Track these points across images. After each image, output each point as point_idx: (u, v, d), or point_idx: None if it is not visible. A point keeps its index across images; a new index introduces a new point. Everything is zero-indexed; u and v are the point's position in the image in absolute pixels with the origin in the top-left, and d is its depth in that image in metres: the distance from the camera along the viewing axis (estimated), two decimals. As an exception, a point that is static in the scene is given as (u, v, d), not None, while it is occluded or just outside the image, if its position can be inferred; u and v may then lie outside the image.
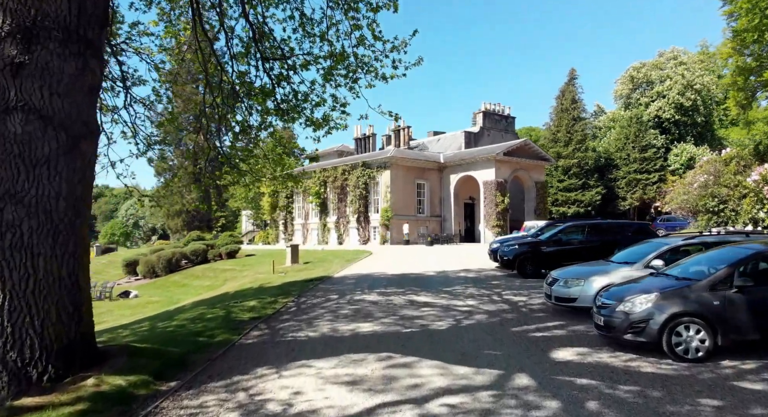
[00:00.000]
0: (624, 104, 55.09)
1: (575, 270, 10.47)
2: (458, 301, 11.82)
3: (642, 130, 48.56)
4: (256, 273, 22.49)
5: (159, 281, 29.32)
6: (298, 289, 14.60)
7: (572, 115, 48.74)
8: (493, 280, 15.43)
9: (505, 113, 48.13)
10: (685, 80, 51.15)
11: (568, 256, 15.56)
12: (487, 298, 12.08)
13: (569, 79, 52.69)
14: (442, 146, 47.26)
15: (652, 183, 47.32)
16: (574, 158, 46.94)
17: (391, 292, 13.48)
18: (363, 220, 39.84)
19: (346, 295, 13.16)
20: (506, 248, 16.41)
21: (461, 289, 13.65)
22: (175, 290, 25.68)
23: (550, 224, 19.79)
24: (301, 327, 9.48)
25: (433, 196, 40.90)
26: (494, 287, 13.93)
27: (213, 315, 11.17)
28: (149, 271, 30.59)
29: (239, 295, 15.09)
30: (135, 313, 18.94)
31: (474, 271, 18.08)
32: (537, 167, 41.15)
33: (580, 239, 15.64)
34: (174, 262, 30.84)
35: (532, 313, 10.25)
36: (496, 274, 17.06)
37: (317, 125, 12.31)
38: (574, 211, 45.68)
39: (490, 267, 19.27)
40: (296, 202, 47.38)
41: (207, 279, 26.23)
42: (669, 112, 51.16)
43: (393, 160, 38.26)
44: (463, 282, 15.21)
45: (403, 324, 9.50)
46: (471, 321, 9.63)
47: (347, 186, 41.10)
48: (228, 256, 31.52)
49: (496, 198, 37.35)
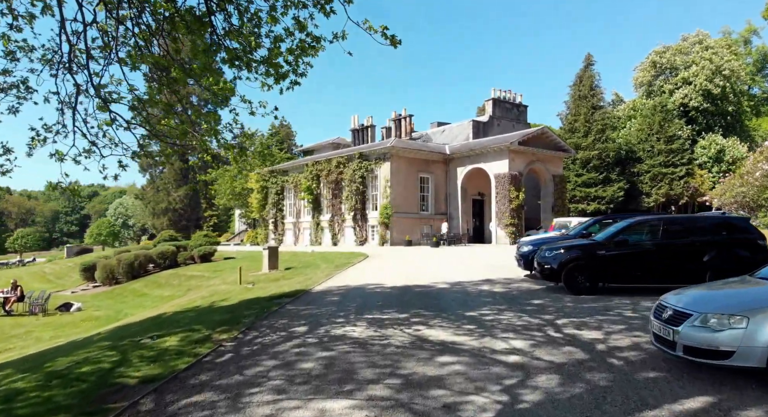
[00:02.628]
0: (645, 92, 50.61)
1: (716, 297, 6.02)
2: (496, 340, 7.39)
3: (667, 120, 44.08)
4: (222, 282, 18.08)
5: (117, 289, 24.91)
6: (255, 312, 10.16)
7: (591, 103, 44.22)
8: (532, 299, 10.99)
9: (516, 101, 43.67)
10: (713, 65, 46.69)
11: (639, 265, 11.13)
12: (541, 335, 7.64)
13: (585, 65, 48.19)
14: (447, 137, 42.81)
15: (679, 177, 42.86)
16: (594, 150, 42.42)
17: (389, 319, 9.05)
18: (360, 219, 35.41)
19: (320, 325, 8.73)
20: (547, 253, 11.96)
21: (492, 315, 9.22)
22: (131, 301, 21.29)
23: (600, 220, 15.29)
24: (215, 413, 5.01)
25: (438, 192, 36.45)
26: (540, 312, 9.50)
27: (88, 369, 6.73)
28: (108, 276, 26.16)
29: (170, 321, 10.66)
30: (57, 336, 14.52)
31: (499, 282, 13.66)
32: (555, 159, 36.67)
33: (654, 241, 11.18)
34: (138, 267, 26.39)
35: (636, 372, 5.80)
36: (532, 288, 12.63)
37: (276, 69, 8.00)
38: (594, 208, 41.21)
39: (518, 276, 14.85)
40: (287, 199, 42.94)
41: (169, 288, 21.84)
42: (696, 99, 46.71)
43: (393, 150, 33.83)
44: (491, 301, 10.78)
45: (410, 403, 5.06)
46: (535, 394, 5.18)
47: (342, 180, 36.66)
48: (202, 259, 27.12)
49: (510, 193, 32.87)
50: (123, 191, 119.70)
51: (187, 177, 64.43)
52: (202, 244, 27.97)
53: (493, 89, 42.18)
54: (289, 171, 42.36)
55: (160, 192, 64.26)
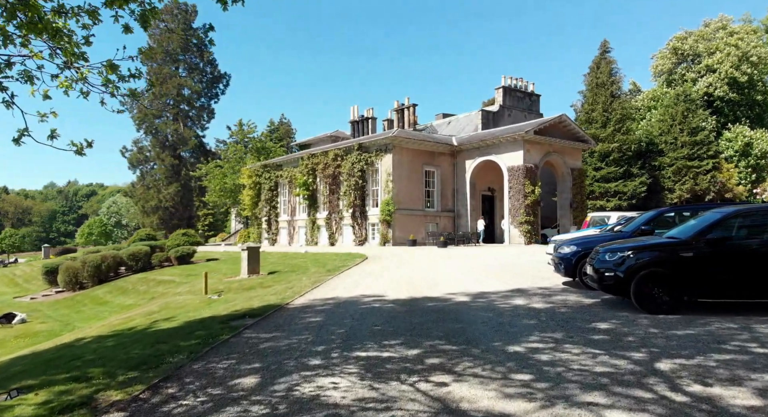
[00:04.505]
0: (666, 81, 47.24)
1: None
2: (579, 412, 4.19)
3: (691, 110, 40.71)
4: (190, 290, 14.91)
5: (80, 295, 21.71)
6: (194, 344, 6.97)
7: (610, 91, 40.84)
8: (593, 321, 7.77)
9: (528, 90, 40.43)
10: (740, 51, 43.32)
11: (746, 272, 7.91)
12: (651, 397, 4.43)
13: (601, 52, 44.87)
14: (453, 129, 39.58)
15: (705, 172, 39.49)
16: (614, 141, 39.05)
17: (392, 360, 5.86)
18: (359, 216, 32.21)
19: (281, 374, 5.53)
20: (608, 256, 8.72)
21: (549, 352, 6.02)
22: (88, 310, 18.15)
23: (662, 213, 11.98)
24: None
25: (444, 187, 33.22)
26: (618, 345, 6.28)
27: None
28: (71, 280, 22.96)
29: (69, 356, 7.44)
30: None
31: (535, 293, 10.45)
32: (573, 151, 33.42)
33: (764, 239, 7.97)
34: (105, 270, 23.17)
35: None
36: (582, 302, 9.41)
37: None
38: (615, 204, 37.89)
39: (555, 285, 11.65)
40: (281, 196, 39.75)
41: (134, 295, 18.69)
42: (721, 89, 43.34)
43: (396, 141, 30.63)
44: (536, 324, 7.56)
45: None
46: None
47: (340, 174, 33.46)
48: (179, 261, 23.90)
49: (525, 188, 29.64)
50: (120, 190, 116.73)
51: (179, 174, 61.26)
52: (180, 244, 24.73)
53: (503, 77, 38.94)
54: (284, 165, 39.16)
55: (151, 189, 61.12)
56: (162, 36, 60.08)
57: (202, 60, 62.85)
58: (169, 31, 60.41)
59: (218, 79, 64.25)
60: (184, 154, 62.74)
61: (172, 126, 60.83)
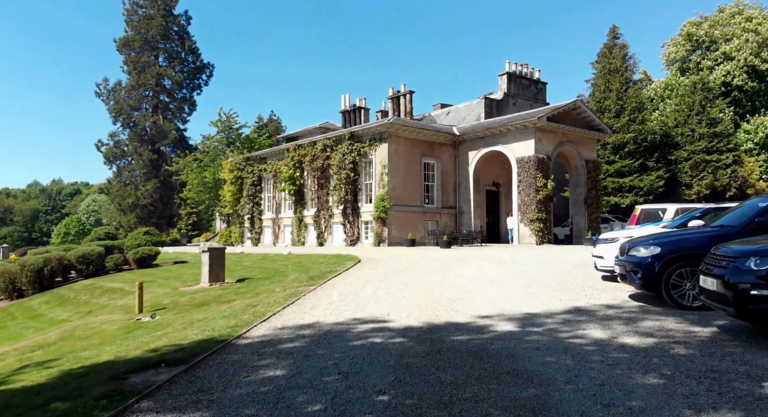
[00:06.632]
0: (679, 69, 44.21)
1: None
2: None
3: (709, 100, 37.70)
4: (124, 306, 11.37)
5: (14, 306, 18.08)
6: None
7: (624, 77, 37.68)
8: (750, 372, 4.42)
9: (534, 77, 37.24)
10: (759, 37, 40.38)
11: None
12: None
13: (611, 37, 41.79)
14: (453, 119, 36.24)
15: (726, 166, 36.46)
16: (630, 132, 35.88)
17: None
18: (351, 213, 28.82)
19: None
20: (753, 265, 5.38)
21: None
22: (15, 326, 14.62)
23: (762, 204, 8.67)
24: None
25: (445, 181, 29.89)
26: None
27: None
28: (7, 287, 19.31)
29: None
30: None
31: (609, 317, 7.08)
32: (588, 141, 30.19)
33: None
34: (49, 275, 19.55)
35: None
36: (695, 332, 6.04)
37: None
38: (631, 200, 34.73)
39: (619, 299, 8.32)
40: (265, 191, 36.25)
41: (72, 306, 15.18)
42: (740, 77, 40.37)
43: (392, 129, 27.28)
44: (664, 388, 4.18)
45: None
46: None
47: (330, 167, 30.04)
48: (139, 264, 20.33)
49: (537, 181, 26.35)
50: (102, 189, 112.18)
51: (159, 169, 57.42)
52: (141, 244, 21.15)
53: (507, 62, 35.67)
54: (268, 158, 35.64)
55: (128, 186, 57.30)
56: (141, 22, 56.31)
57: (184, 48, 59.03)
58: (148, 17, 56.57)
59: (201, 69, 60.43)
60: (164, 149, 58.94)
61: (151, 118, 57.01)
